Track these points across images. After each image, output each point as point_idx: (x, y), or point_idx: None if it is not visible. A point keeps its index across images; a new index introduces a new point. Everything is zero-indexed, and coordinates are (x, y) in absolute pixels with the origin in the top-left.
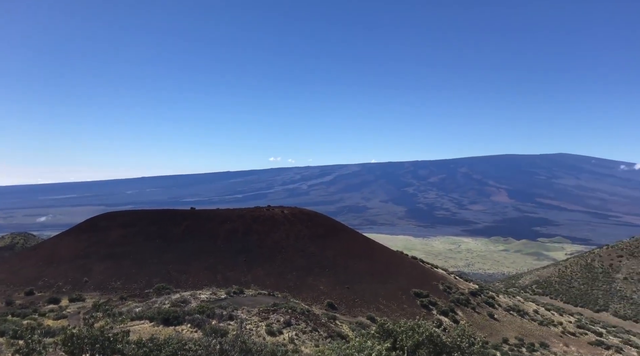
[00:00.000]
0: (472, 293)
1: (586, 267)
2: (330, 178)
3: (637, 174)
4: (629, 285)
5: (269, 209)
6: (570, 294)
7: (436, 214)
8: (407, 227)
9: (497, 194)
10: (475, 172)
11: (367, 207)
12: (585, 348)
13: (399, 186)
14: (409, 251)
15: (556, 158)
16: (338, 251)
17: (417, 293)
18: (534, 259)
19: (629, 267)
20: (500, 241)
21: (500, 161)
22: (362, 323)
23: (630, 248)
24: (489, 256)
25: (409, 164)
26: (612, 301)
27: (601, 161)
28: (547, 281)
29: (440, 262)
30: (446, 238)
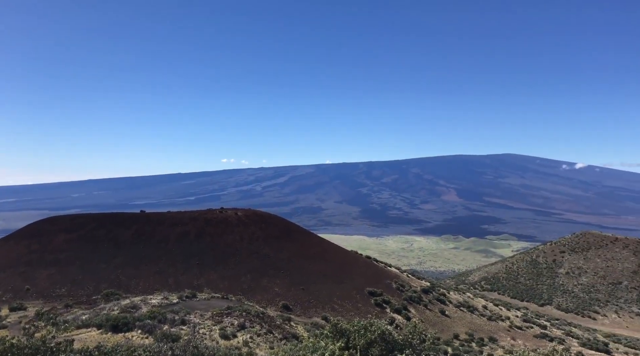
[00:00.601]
0: (424, 291)
1: (531, 263)
2: (285, 179)
3: (578, 173)
4: (571, 279)
5: (222, 211)
6: (517, 290)
7: (389, 213)
8: (362, 227)
9: (447, 193)
10: (427, 173)
11: (322, 208)
12: (531, 341)
13: (353, 186)
14: (363, 250)
15: (502, 158)
16: (293, 252)
17: (371, 292)
18: (483, 257)
19: (571, 262)
20: (451, 239)
21: (450, 161)
22: (317, 324)
23: (572, 244)
24: (440, 254)
25: (363, 165)
26: (555, 295)
27: (544, 161)
28: (495, 277)
29: (394, 261)
30: (399, 237)
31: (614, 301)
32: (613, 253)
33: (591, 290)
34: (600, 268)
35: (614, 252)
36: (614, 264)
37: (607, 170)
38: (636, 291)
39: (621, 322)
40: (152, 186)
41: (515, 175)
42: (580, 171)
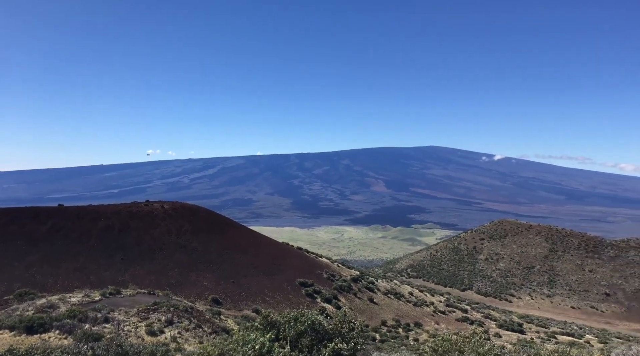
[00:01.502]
0: (354, 280)
1: (454, 250)
2: (214, 171)
3: (496, 164)
4: (489, 265)
5: (148, 204)
6: (441, 276)
7: (320, 205)
8: (293, 218)
9: (376, 184)
10: (356, 164)
11: (253, 200)
12: (453, 324)
13: (284, 178)
14: (294, 242)
15: (427, 150)
16: (223, 245)
17: (302, 282)
18: (409, 245)
19: (489, 249)
20: (379, 229)
21: (379, 153)
22: (247, 316)
23: (490, 231)
24: (369, 244)
25: (295, 156)
26: (475, 280)
27: (466, 153)
28: (420, 264)
29: (325, 251)
30: (330, 228)
31: (527, 284)
32: (527, 239)
33: (508, 275)
34: (515, 253)
35: (528, 238)
36: (528, 250)
37: (523, 161)
38: (547, 274)
39: (534, 303)
40: (71, 179)
41: (439, 167)
42: (499, 163)
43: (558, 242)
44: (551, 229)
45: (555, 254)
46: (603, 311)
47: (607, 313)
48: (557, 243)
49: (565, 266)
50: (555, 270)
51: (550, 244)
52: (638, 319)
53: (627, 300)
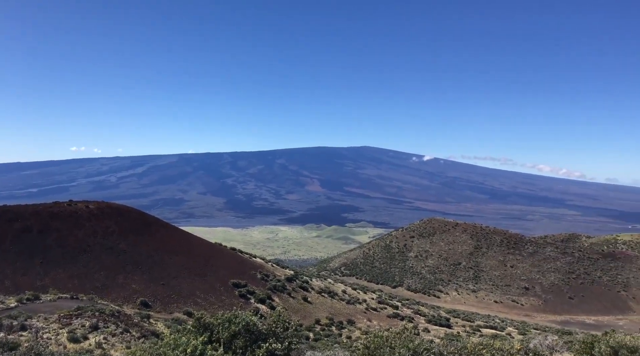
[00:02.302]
0: (288, 279)
1: (385, 248)
2: (143, 170)
3: (425, 165)
4: (419, 262)
5: (71, 204)
6: (373, 274)
7: (255, 204)
8: (227, 218)
9: (311, 184)
10: (292, 164)
11: (185, 199)
12: (385, 321)
13: (218, 177)
14: (228, 242)
15: (361, 151)
16: (152, 246)
17: (235, 283)
18: (343, 243)
19: (419, 246)
20: (314, 228)
21: (314, 153)
22: (179, 319)
23: (420, 229)
24: (304, 243)
25: (228, 155)
26: (406, 277)
27: (397, 154)
28: (353, 262)
29: (259, 251)
30: (264, 228)
31: (454, 280)
32: (454, 236)
33: (436, 271)
34: (443, 250)
35: (455, 236)
36: (455, 247)
37: (450, 162)
38: (472, 270)
39: (460, 299)
40: None
41: (372, 166)
42: (428, 163)
43: (482, 239)
44: (476, 227)
45: (479, 251)
46: (523, 304)
47: (526, 306)
48: (482, 240)
49: (489, 262)
50: (480, 266)
51: (475, 242)
52: (554, 311)
53: (544, 293)
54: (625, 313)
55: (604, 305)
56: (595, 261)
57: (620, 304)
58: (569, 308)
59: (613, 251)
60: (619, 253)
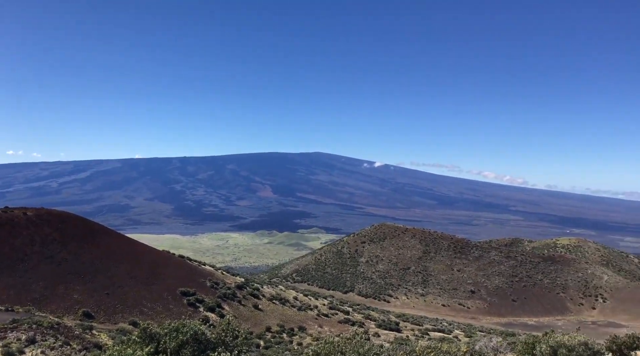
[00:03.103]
0: (239, 287)
1: (337, 254)
2: (87, 175)
3: (377, 171)
4: (370, 267)
5: (7, 211)
6: (325, 279)
7: (204, 210)
8: (175, 225)
9: (263, 189)
10: (243, 169)
11: (131, 206)
12: (336, 326)
13: (165, 183)
14: (176, 249)
15: (313, 156)
16: (96, 255)
17: (183, 292)
18: (295, 250)
19: (370, 251)
20: (265, 235)
21: (266, 158)
22: (123, 330)
23: (371, 234)
24: (255, 250)
25: (177, 160)
26: (357, 282)
27: (349, 160)
28: (305, 269)
29: (209, 259)
30: (214, 234)
31: (404, 284)
32: (404, 241)
33: (386, 276)
34: (393, 255)
35: (405, 241)
36: (404, 252)
37: (400, 168)
38: (421, 274)
39: (409, 303)
40: None
41: (324, 172)
42: (378, 169)
43: (431, 244)
44: (424, 232)
45: (428, 255)
46: (469, 307)
47: (472, 309)
48: (430, 245)
49: (437, 266)
50: (428, 270)
51: (424, 246)
52: (498, 313)
53: (489, 296)
54: (563, 313)
55: (545, 307)
56: (536, 264)
57: (559, 305)
58: (513, 310)
59: (553, 255)
60: (558, 256)
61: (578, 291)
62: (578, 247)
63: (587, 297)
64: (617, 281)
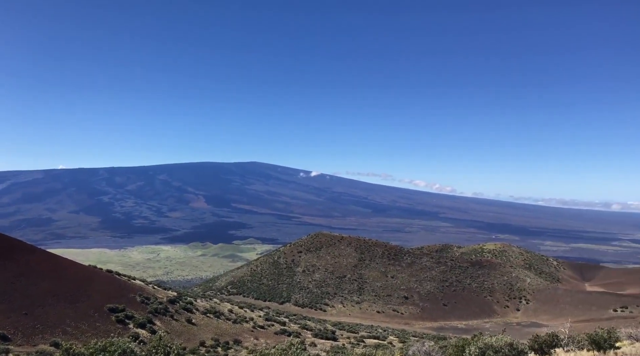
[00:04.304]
0: (171, 301)
1: (273, 264)
2: (3, 187)
3: (313, 180)
4: (306, 276)
5: None
6: (261, 291)
7: (134, 223)
8: (102, 239)
9: (196, 200)
10: (175, 180)
11: (53, 219)
12: (272, 338)
13: (92, 194)
14: (104, 264)
15: (249, 166)
16: (13, 272)
17: (112, 308)
18: (230, 261)
19: (306, 261)
20: (199, 247)
21: (199, 168)
22: (44, 352)
23: (307, 244)
24: (188, 262)
25: (104, 170)
26: (293, 292)
27: (285, 169)
28: (240, 280)
29: (139, 273)
30: (145, 247)
31: (340, 293)
32: (340, 250)
33: (322, 285)
34: (330, 264)
35: (341, 249)
36: (340, 260)
37: (336, 178)
38: (356, 282)
39: (345, 311)
40: None
41: (260, 182)
42: (315, 179)
43: (366, 252)
44: (360, 240)
45: (363, 263)
46: (402, 313)
47: (405, 315)
48: (365, 253)
49: (371, 273)
50: (364, 278)
51: (359, 254)
52: (430, 318)
53: (422, 301)
54: (491, 316)
55: (473, 310)
56: (465, 269)
57: (487, 308)
58: (444, 314)
59: (480, 260)
60: (485, 261)
61: (504, 294)
62: (503, 252)
63: (512, 299)
64: (538, 283)
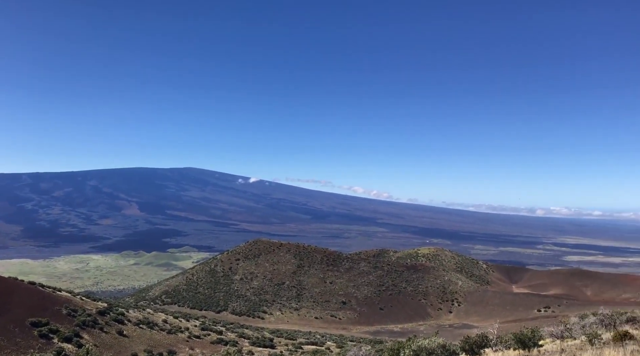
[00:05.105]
0: (100, 313)
1: (210, 272)
2: None
3: (251, 186)
4: (244, 284)
5: None
6: (197, 300)
7: (61, 231)
8: (25, 248)
9: (129, 207)
10: (106, 186)
11: None
12: (209, 347)
13: (13, 201)
14: (26, 276)
15: (184, 172)
16: None
17: (34, 322)
18: (164, 270)
19: (244, 268)
20: (132, 255)
21: (132, 174)
22: None
23: (245, 251)
24: (120, 272)
25: (27, 176)
26: (231, 300)
27: (223, 175)
28: (175, 290)
29: (66, 284)
30: (73, 257)
31: (278, 300)
32: (279, 257)
33: (261, 292)
34: (268, 271)
35: (279, 256)
36: (279, 267)
37: (275, 184)
38: (295, 289)
39: (284, 318)
40: None
41: (196, 188)
42: (254, 185)
43: (305, 258)
44: (299, 247)
45: (302, 269)
46: (340, 318)
47: (343, 320)
48: (304, 259)
49: (310, 279)
50: (303, 284)
51: (298, 261)
52: (367, 322)
53: (359, 306)
54: (425, 318)
55: (409, 313)
56: (401, 273)
57: (421, 311)
58: (380, 318)
59: (415, 264)
60: (420, 265)
61: (437, 296)
62: (436, 256)
63: (445, 302)
64: (469, 285)
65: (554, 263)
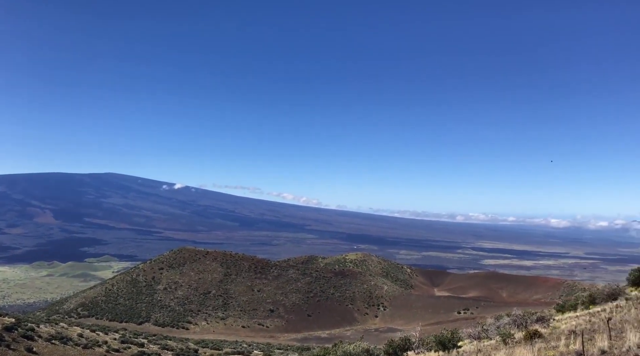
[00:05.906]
0: (7, 329)
1: (131, 282)
2: None
3: (177, 193)
4: (168, 294)
5: None
6: (117, 311)
7: None
8: None
9: (42, 215)
10: (16, 192)
11: None
12: None
13: None
14: None
15: (105, 177)
16: None
17: None
18: (81, 281)
19: (168, 277)
20: (44, 266)
21: (46, 179)
22: None
23: (170, 260)
24: (30, 284)
25: None
26: (153, 311)
27: (146, 181)
28: (93, 301)
29: None
30: None
31: (204, 309)
32: (205, 265)
33: (185, 302)
34: (194, 280)
35: (206, 265)
36: (205, 275)
37: (202, 190)
38: (222, 298)
39: (209, 328)
40: None
41: (117, 195)
42: (179, 191)
43: (232, 266)
44: (226, 255)
45: (229, 277)
46: (268, 326)
47: (271, 328)
48: (231, 267)
49: (237, 288)
50: (229, 293)
51: (225, 269)
52: (295, 329)
53: (287, 314)
54: (352, 324)
55: (336, 319)
56: (329, 279)
57: (348, 316)
58: (308, 324)
59: (343, 269)
60: (347, 270)
61: (364, 301)
62: (363, 261)
63: (371, 306)
64: (394, 290)
65: (472, 267)
